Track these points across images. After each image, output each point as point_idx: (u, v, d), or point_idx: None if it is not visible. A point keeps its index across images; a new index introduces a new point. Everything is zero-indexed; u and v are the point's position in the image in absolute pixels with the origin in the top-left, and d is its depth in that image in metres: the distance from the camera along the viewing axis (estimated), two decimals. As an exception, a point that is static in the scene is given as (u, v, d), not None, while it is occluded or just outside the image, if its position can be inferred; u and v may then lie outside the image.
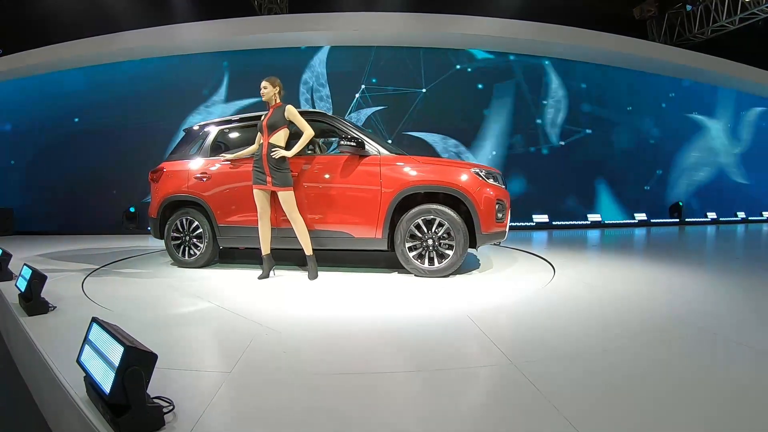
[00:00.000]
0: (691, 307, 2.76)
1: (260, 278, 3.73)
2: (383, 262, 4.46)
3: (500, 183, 4.03)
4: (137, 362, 1.27)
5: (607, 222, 10.07)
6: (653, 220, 10.55)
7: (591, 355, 1.92)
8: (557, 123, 9.96)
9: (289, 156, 3.63)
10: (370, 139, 3.93)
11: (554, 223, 9.63)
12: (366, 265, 4.39)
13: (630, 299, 2.99)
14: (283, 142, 3.66)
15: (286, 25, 8.69)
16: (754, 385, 1.62)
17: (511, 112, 9.65)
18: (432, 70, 9.32)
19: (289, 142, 3.73)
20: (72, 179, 9.19)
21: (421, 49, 9.26)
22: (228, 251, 4.77)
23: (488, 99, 9.59)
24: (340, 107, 9.11)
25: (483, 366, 1.83)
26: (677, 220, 10.76)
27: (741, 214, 11.92)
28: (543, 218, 9.61)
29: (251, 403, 1.52)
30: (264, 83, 3.69)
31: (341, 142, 3.72)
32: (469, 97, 9.54)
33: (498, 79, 9.63)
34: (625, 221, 10.33)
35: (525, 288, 3.46)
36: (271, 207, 3.74)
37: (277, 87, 3.71)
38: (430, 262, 3.74)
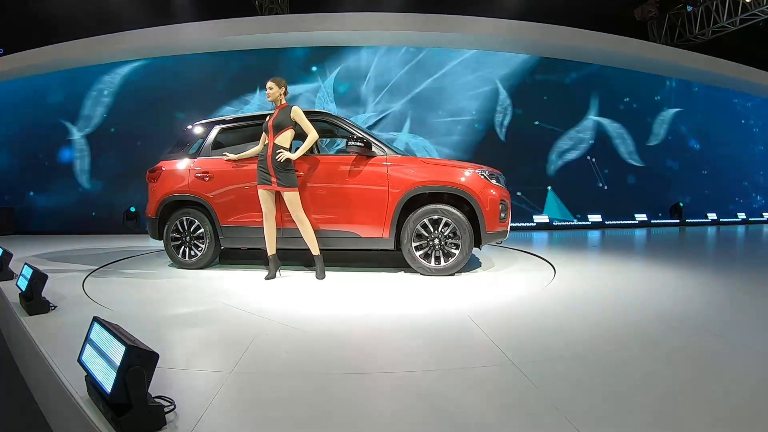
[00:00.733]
0: (694, 308, 2.76)
1: (267, 279, 3.73)
2: (389, 261, 4.46)
3: (501, 183, 4.09)
4: (139, 362, 1.27)
5: (608, 223, 10.06)
6: (653, 221, 10.55)
7: (592, 356, 1.92)
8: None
9: (294, 158, 3.64)
10: (375, 139, 3.97)
11: (555, 224, 9.63)
12: (373, 264, 4.41)
13: (631, 299, 2.99)
14: (288, 143, 3.66)
15: (286, 25, 8.68)
16: (758, 387, 1.61)
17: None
18: (432, 70, 9.30)
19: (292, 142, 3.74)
20: (72, 179, 9.19)
21: (422, 50, 9.25)
22: (228, 252, 4.76)
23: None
24: (343, 109, 9.10)
25: (483, 366, 1.83)
26: (678, 220, 10.76)
27: (741, 215, 11.92)
28: (543, 219, 9.61)
29: (252, 403, 1.52)
30: (269, 83, 3.68)
31: (349, 142, 3.75)
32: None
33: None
34: (625, 222, 10.31)
35: (526, 288, 3.47)
36: (276, 207, 3.75)
37: (283, 87, 3.71)
38: (437, 261, 3.81)
